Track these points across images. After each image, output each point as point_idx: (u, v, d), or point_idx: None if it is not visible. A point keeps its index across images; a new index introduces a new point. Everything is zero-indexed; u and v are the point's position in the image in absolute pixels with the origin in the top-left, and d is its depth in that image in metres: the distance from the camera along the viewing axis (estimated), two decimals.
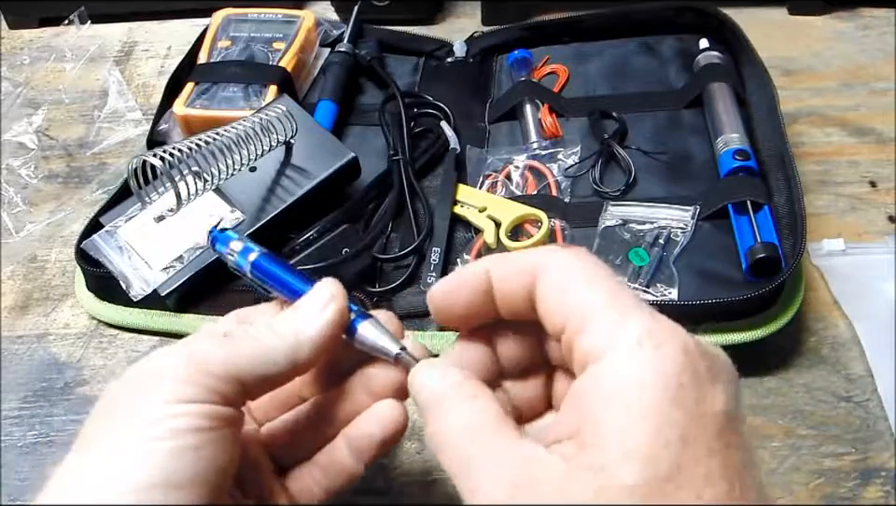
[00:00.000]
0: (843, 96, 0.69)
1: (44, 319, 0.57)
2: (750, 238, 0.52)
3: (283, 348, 0.31)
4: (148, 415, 0.28)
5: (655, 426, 0.23)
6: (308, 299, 0.33)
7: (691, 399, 0.24)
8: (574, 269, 0.28)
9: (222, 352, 0.30)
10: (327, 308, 0.32)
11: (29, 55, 0.79)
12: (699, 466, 0.23)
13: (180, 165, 0.49)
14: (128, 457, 0.27)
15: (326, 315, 0.32)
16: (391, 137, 0.63)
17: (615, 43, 0.72)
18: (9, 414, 0.52)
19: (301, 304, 0.33)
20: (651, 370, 0.24)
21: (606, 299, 0.26)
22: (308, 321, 0.32)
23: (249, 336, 0.31)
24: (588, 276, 0.27)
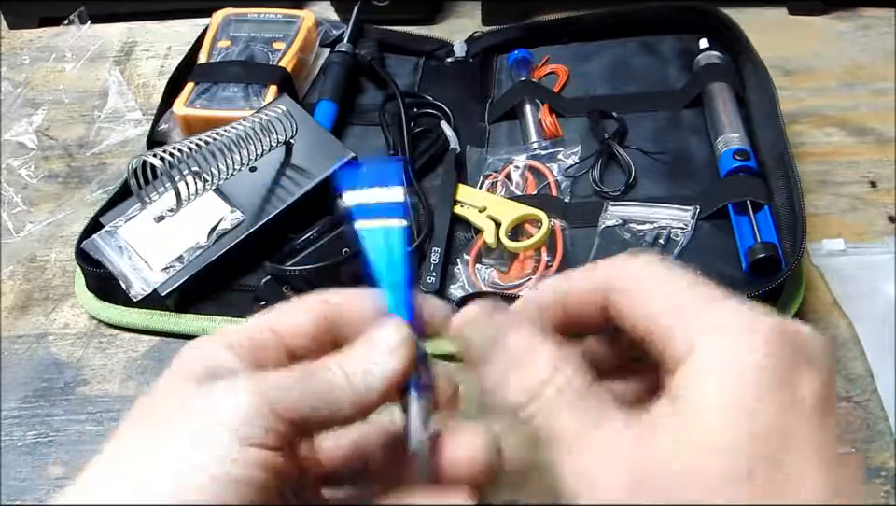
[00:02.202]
0: (843, 96, 0.69)
1: (44, 319, 0.57)
2: (750, 238, 0.52)
3: (350, 391, 0.29)
4: (206, 449, 0.27)
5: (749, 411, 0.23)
6: (378, 338, 0.31)
7: (785, 381, 0.24)
8: (643, 277, 0.28)
9: (295, 391, 0.28)
10: (398, 350, 0.30)
11: (29, 55, 0.79)
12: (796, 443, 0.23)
13: (180, 165, 0.49)
14: (169, 477, 0.26)
15: (396, 358, 0.30)
16: (391, 137, 0.63)
17: (615, 43, 0.72)
18: (9, 414, 0.52)
19: (370, 344, 0.31)
20: (758, 349, 0.24)
21: (688, 295, 0.27)
22: (379, 363, 0.30)
23: (321, 376, 0.29)
24: (659, 281, 0.28)
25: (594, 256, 0.54)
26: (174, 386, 0.29)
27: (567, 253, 0.55)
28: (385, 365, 0.30)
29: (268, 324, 0.32)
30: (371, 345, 0.30)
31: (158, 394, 0.30)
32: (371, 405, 0.30)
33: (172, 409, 0.28)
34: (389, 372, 0.30)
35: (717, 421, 0.24)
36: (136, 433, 0.29)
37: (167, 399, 0.29)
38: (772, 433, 0.23)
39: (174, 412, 0.28)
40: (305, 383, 0.29)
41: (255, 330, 0.32)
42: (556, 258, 0.54)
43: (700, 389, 0.25)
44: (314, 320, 0.32)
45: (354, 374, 0.29)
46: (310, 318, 0.32)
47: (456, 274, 0.55)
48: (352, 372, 0.30)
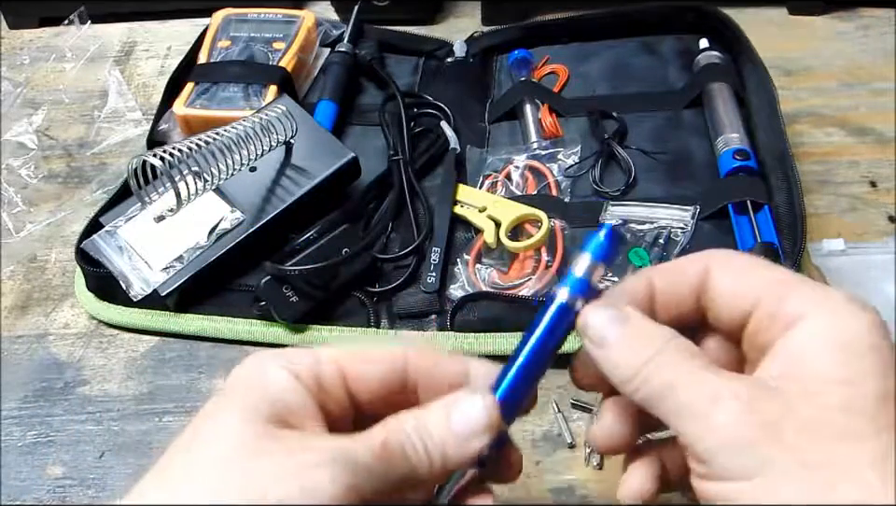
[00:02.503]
0: (843, 96, 0.69)
1: (44, 319, 0.57)
2: (750, 238, 0.52)
3: (429, 471, 0.29)
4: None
5: (880, 364, 0.26)
6: (463, 419, 0.30)
7: (891, 363, 0.26)
8: (745, 259, 0.30)
9: (379, 474, 0.28)
10: (480, 437, 0.30)
11: (29, 55, 0.79)
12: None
13: (180, 165, 0.49)
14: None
15: (477, 444, 0.30)
16: (391, 137, 0.63)
17: (615, 43, 0.72)
18: (9, 414, 0.52)
19: (455, 424, 0.30)
20: (866, 322, 0.27)
21: (792, 274, 0.29)
22: (460, 448, 0.30)
23: (405, 456, 0.29)
24: (761, 262, 0.30)
25: None
26: (239, 420, 0.28)
27: (567, 253, 0.55)
28: (466, 450, 0.30)
29: (338, 362, 0.31)
30: (457, 422, 0.30)
31: (216, 421, 0.28)
32: (442, 477, 0.31)
33: (236, 451, 0.27)
34: (468, 457, 0.30)
35: (840, 385, 0.26)
36: (189, 466, 0.27)
37: (231, 434, 0.27)
38: (891, 402, 0.25)
39: (240, 457, 0.27)
40: (391, 467, 0.28)
41: (325, 365, 0.31)
42: (556, 258, 0.54)
43: (818, 354, 0.27)
44: (384, 374, 0.32)
45: (435, 455, 0.29)
46: (381, 371, 0.32)
47: (456, 273, 0.55)
48: (434, 451, 0.29)
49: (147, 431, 0.50)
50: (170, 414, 0.51)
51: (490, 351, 0.51)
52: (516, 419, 0.32)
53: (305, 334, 0.53)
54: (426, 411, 0.30)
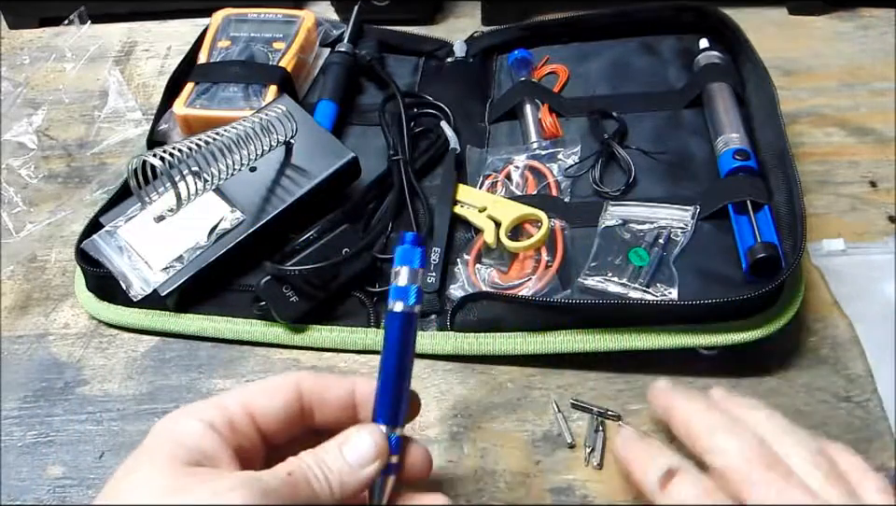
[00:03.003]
0: (843, 96, 0.69)
1: (44, 319, 0.57)
2: (750, 238, 0.52)
3: (331, 498, 0.34)
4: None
5: None
6: (355, 450, 0.35)
7: None
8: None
9: (286, 498, 0.32)
10: (371, 464, 0.35)
11: (29, 55, 0.79)
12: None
13: (180, 165, 0.49)
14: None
15: (369, 470, 0.35)
16: (391, 137, 0.63)
17: (615, 43, 0.72)
18: (9, 414, 0.52)
19: (348, 455, 0.35)
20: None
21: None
22: (354, 476, 0.35)
23: (307, 483, 0.33)
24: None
25: (593, 256, 0.54)
26: (162, 467, 0.31)
27: (567, 253, 0.55)
28: (361, 477, 0.35)
29: (243, 404, 0.35)
30: (350, 455, 0.35)
31: (142, 474, 0.31)
32: (349, 501, 0.35)
33: (158, 492, 0.30)
34: (363, 482, 0.35)
35: None
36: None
37: (152, 480, 0.31)
38: None
39: (162, 495, 0.30)
40: (297, 492, 0.32)
41: (232, 408, 0.35)
42: (556, 258, 0.54)
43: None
44: (286, 405, 0.36)
45: (334, 483, 0.34)
46: (283, 402, 0.36)
47: (456, 273, 0.55)
48: (333, 480, 0.34)
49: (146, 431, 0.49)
50: None
51: (490, 351, 0.51)
52: (411, 421, 0.38)
53: (305, 334, 0.53)
54: (323, 448, 0.35)
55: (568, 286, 0.53)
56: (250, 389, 0.36)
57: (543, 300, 0.51)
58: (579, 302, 0.50)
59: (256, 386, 0.36)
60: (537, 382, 0.51)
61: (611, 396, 0.50)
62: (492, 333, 0.52)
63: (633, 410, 0.49)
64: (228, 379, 0.53)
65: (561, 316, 0.51)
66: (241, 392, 0.36)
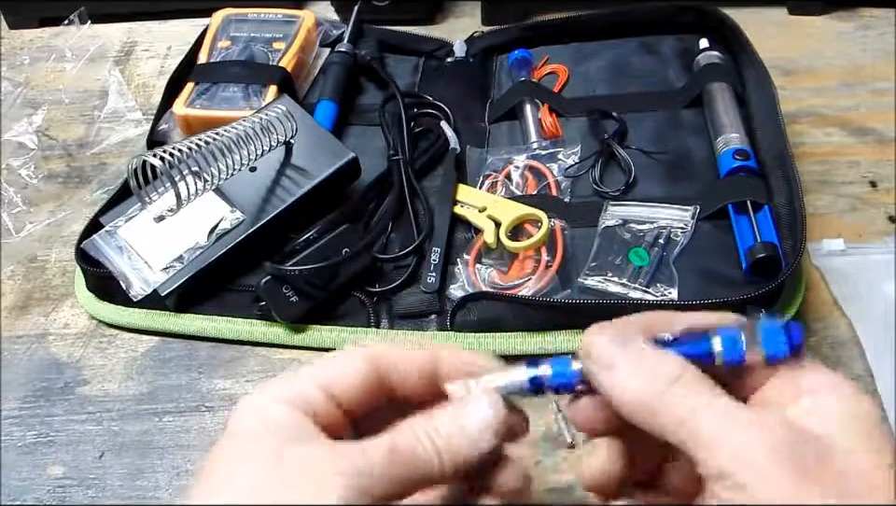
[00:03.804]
0: (843, 96, 0.69)
1: (44, 319, 0.57)
2: (750, 238, 0.52)
3: (440, 471, 0.30)
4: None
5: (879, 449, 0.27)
6: (473, 420, 0.31)
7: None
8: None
9: (391, 476, 0.29)
10: (491, 436, 0.31)
11: (29, 55, 0.79)
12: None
13: (180, 165, 0.49)
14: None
15: (486, 444, 0.31)
16: (391, 137, 0.63)
17: (615, 43, 0.72)
18: (9, 414, 0.52)
19: (466, 424, 0.31)
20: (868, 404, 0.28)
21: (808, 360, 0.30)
22: (470, 447, 0.31)
23: (416, 455, 0.30)
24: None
25: (593, 256, 0.54)
26: (250, 451, 0.29)
27: (567, 253, 0.55)
28: (477, 448, 0.30)
29: (317, 383, 0.32)
30: (467, 423, 0.31)
31: (234, 459, 0.30)
32: (455, 477, 0.31)
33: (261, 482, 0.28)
34: (478, 456, 0.30)
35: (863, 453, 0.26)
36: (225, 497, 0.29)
37: (250, 466, 0.29)
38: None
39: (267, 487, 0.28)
40: (399, 461, 0.29)
41: (306, 389, 0.32)
42: (556, 258, 0.54)
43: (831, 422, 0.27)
44: (363, 381, 0.33)
45: (444, 455, 0.30)
46: (360, 380, 0.33)
47: (456, 273, 0.55)
48: (444, 451, 0.30)
49: (146, 431, 0.50)
50: (170, 414, 0.51)
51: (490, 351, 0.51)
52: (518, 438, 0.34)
53: (305, 334, 0.53)
54: (435, 415, 0.31)
55: (568, 286, 0.53)
56: (324, 368, 0.33)
57: (543, 300, 0.51)
58: (579, 302, 0.50)
59: (330, 364, 0.33)
60: None
61: None
62: (492, 333, 0.52)
63: None
64: (228, 379, 0.53)
65: (561, 316, 0.51)
66: (314, 372, 0.33)
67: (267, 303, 0.52)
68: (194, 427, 0.50)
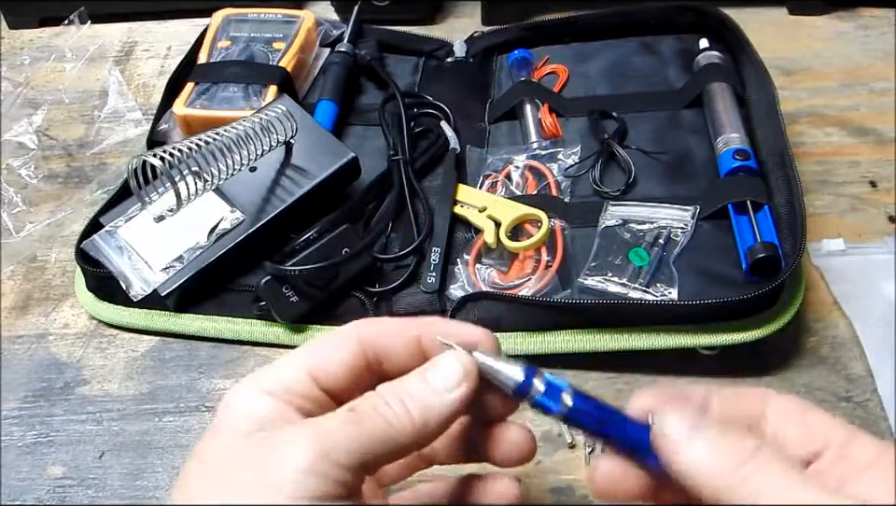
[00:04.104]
0: (843, 96, 0.69)
1: (44, 319, 0.57)
2: (750, 238, 0.52)
3: (410, 429, 0.30)
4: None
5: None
6: (440, 373, 0.31)
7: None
8: (800, 405, 0.31)
9: (350, 436, 0.29)
10: (459, 387, 0.31)
11: (29, 55, 0.79)
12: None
13: (180, 165, 0.49)
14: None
15: (457, 394, 0.31)
16: (391, 137, 0.63)
17: (615, 43, 0.72)
18: (9, 414, 0.52)
19: (431, 378, 0.31)
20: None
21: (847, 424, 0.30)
22: (438, 399, 0.31)
23: (378, 414, 0.30)
24: (815, 407, 0.31)
25: (593, 256, 0.54)
26: (227, 442, 0.30)
27: (567, 253, 0.55)
28: (447, 401, 0.30)
29: (302, 367, 0.32)
30: (434, 378, 0.31)
31: (211, 451, 0.31)
32: (430, 439, 0.31)
33: (230, 467, 0.29)
34: (450, 408, 0.30)
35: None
36: (200, 491, 0.29)
37: (223, 455, 0.30)
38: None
39: (233, 470, 0.29)
40: (363, 425, 0.29)
41: (290, 376, 0.32)
42: (556, 258, 0.54)
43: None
44: (349, 362, 0.33)
45: (412, 411, 0.30)
46: (345, 360, 0.32)
47: (456, 273, 0.55)
48: (413, 406, 0.30)
49: (146, 431, 0.50)
50: (170, 414, 0.51)
51: None
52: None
53: (305, 334, 0.53)
54: (402, 378, 0.31)
55: (568, 286, 0.53)
56: (309, 350, 0.33)
57: (543, 300, 0.51)
58: (579, 302, 0.50)
59: (314, 346, 0.33)
60: None
61: (611, 396, 0.50)
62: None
63: None
64: (228, 379, 0.53)
65: (561, 316, 0.51)
66: (299, 355, 0.33)
67: (267, 303, 0.52)
68: (194, 427, 0.50)
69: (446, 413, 0.31)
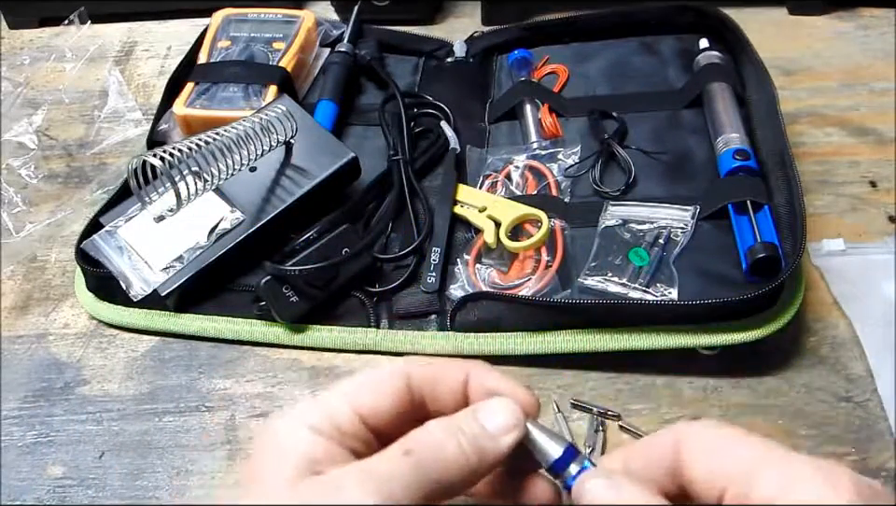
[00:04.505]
0: (843, 96, 0.69)
1: (44, 319, 0.57)
2: (750, 238, 0.52)
3: (467, 471, 0.30)
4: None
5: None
6: (493, 417, 0.32)
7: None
8: (715, 433, 0.30)
9: (409, 481, 0.28)
10: (510, 433, 0.31)
11: (29, 55, 0.79)
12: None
13: (180, 165, 0.49)
14: None
15: (509, 439, 0.31)
16: (391, 137, 0.63)
17: (615, 43, 0.72)
18: (9, 414, 0.52)
19: (485, 421, 0.31)
20: (843, 489, 0.26)
21: (762, 452, 0.28)
22: (492, 443, 0.31)
23: (435, 456, 0.30)
24: (732, 436, 0.29)
25: (593, 256, 0.54)
26: (275, 486, 0.29)
27: (567, 253, 0.55)
28: (500, 445, 0.31)
29: (350, 404, 0.32)
30: (487, 421, 0.31)
31: (257, 493, 0.29)
32: (477, 481, 0.31)
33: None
34: (500, 453, 0.31)
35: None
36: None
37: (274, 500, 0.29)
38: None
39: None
40: (421, 466, 0.29)
41: (339, 412, 0.32)
42: (556, 258, 0.54)
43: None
44: (396, 401, 0.32)
45: (469, 454, 0.30)
46: (393, 399, 0.32)
47: (456, 273, 0.55)
48: (468, 450, 0.30)
49: (146, 431, 0.50)
50: (170, 414, 0.51)
51: (490, 352, 0.51)
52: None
53: (305, 334, 0.53)
54: (454, 416, 0.31)
55: (568, 286, 0.53)
56: (356, 387, 0.33)
57: (543, 300, 0.51)
58: (579, 302, 0.50)
59: (362, 383, 0.33)
60: (537, 382, 0.51)
61: (611, 396, 0.50)
62: (492, 333, 0.52)
63: (633, 410, 0.49)
64: (228, 379, 0.53)
65: (561, 316, 0.51)
66: (346, 391, 0.32)
67: (267, 303, 0.52)
68: (194, 427, 0.50)
69: (499, 456, 0.31)
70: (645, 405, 0.49)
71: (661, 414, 0.49)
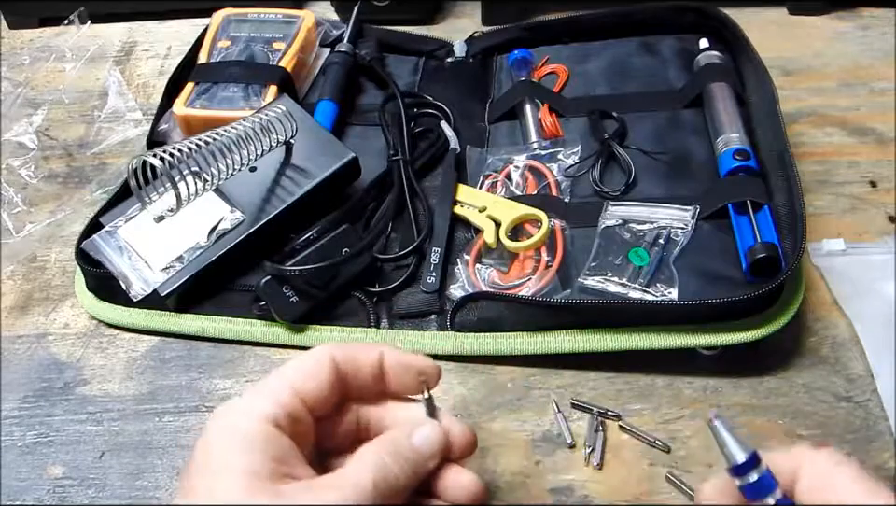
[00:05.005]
0: (843, 96, 0.69)
1: (44, 319, 0.57)
2: (750, 238, 0.52)
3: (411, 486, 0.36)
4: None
5: None
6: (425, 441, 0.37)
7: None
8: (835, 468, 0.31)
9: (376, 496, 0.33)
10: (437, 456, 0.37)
11: (29, 55, 0.79)
12: None
13: (180, 165, 0.49)
14: None
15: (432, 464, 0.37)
16: (391, 137, 0.63)
17: (615, 43, 0.72)
18: (9, 414, 0.52)
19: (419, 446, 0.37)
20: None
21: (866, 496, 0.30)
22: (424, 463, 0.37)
23: (390, 479, 0.35)
24: (848, 476, 0.31)
25: (593, 256, 0.54)
26: (239, 485, 0.32)
27: (567, 253, 0.55)
28: (429, 466, 0.37)
29: (292, 388, 0.35)
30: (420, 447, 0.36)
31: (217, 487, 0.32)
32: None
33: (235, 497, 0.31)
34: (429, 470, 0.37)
35: None
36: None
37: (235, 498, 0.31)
38: None
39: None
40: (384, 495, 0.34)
41: (288, 401, 0.35)
42: (556, 258, 0.54)
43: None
44: (329, 382, 0.37)
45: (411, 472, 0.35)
46: (327, 381, 0.37)
47: (456, 273, 0.55)
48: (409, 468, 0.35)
49: (146, 431, 0.50)
50: (170, 414, 0.51)
51: (490, 351, 0.51)
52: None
53: (305, 334, 0.53)
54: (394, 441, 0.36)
55: (568, 286, 0.53)
56: (294, 373, 0.36)
57: (543, 300, 0.51)
58: (579, 302, 0.50)
59: (298, 369, 0.37)
60: (537, 382, 0.51)
61: (611, 396, 0.50)
62: (492, 333, 0.52)
63: (633, 410, 0.49)
64: (228, 379, 0.53)
65: (561, 316, 0.51)
66: (287, 377, 0.36)
67: (267, 303, 0.52)
68: (194, 427, 0.50)
69: (427, 473, 0.36)
70: (645, 405, 0.49)
71: (661, 414, 0.49)
